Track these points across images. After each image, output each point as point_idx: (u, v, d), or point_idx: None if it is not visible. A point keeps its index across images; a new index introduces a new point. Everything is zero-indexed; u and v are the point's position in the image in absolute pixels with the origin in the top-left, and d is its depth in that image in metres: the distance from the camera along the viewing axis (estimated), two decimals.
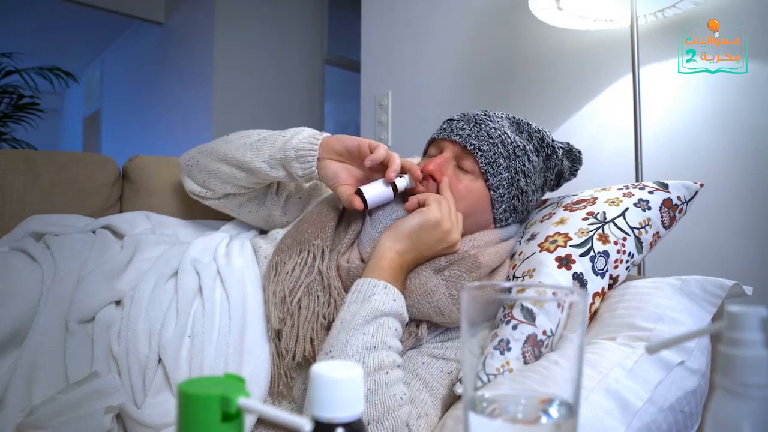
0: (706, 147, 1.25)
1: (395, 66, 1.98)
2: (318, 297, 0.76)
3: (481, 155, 0.81)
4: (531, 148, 0.86)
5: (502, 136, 0.83)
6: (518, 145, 0.84)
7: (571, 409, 0.37)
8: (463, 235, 0.82)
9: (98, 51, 5.10)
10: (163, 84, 3.76)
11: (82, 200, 1.15)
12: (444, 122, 0.90)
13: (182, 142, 3.47)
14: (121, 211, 1.20)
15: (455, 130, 0.84)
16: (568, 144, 0.96)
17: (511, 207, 0.86)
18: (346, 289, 0.78)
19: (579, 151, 0.96)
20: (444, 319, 0.75)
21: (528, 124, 0.88)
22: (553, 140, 0.89)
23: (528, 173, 0.85)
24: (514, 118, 0.89)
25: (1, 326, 0.66)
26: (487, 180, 0.82)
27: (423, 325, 0.77)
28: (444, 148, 0.85)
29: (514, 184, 0.84)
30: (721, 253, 1.22)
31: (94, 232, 0.87)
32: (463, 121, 0.86)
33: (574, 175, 0.98)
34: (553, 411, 0.38)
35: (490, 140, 0.82)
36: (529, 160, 0.84)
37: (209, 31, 3.15)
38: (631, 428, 0.59)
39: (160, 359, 0.70)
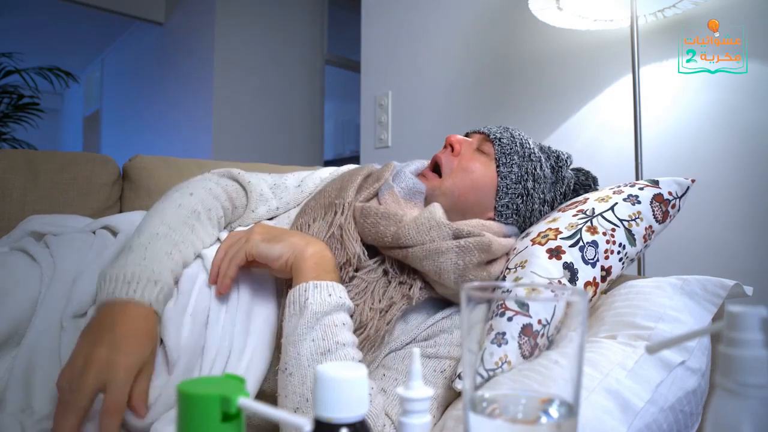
0: (706, 147, 1.25)
1: (395, 66, 1.98)
2: (337, 251, 0.78)
3: (498, 144, 0.89)
4: (546, 164, 0.92)
5: (523, 140, 0.91)
6: (534, 152, 0.90)
7: (571, 409, 0.37)
8: (465, 214, 0.87)
9: (98, 51, 5.10)
10: (163, 84, 3.76)
11: (83, 200, 1.15)
12: None
13: (182, 142, 3.47)
14: (121, 211, 1.20)
15: (485, 126, 0.94)
16: (587, 171, 1.02)
17: (514, 205, 0.88)
18: (362, 233, 0.81)
19: (595, 179, 1.01)
20: (438, 281, 0.78)
21: (549, 147, 0.96)
22: (568, 158, 0.96)
23: (538, 179, 0.89)
24: (539, 143, 0.97)
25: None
26: (498, 167, 0.87)
27: (416, 284, 0.79)
28: (470, 137, 0.94)
29: (522, 183, 0.88)
30: (722, 252, 1.22)
31: (93, 232, 0.87)
32: (494, 124, 0.96)
33: (585, 190, 0.99)
34: (553, 411, 0.38)
35: (512, 138, 0.90)
36: (541, 167, 0.90)
37: (209, 31, 3.15)
38: (632, 428, 0.59)
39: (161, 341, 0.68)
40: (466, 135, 0.95)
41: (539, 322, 0.68)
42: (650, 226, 0.84)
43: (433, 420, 0.71)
